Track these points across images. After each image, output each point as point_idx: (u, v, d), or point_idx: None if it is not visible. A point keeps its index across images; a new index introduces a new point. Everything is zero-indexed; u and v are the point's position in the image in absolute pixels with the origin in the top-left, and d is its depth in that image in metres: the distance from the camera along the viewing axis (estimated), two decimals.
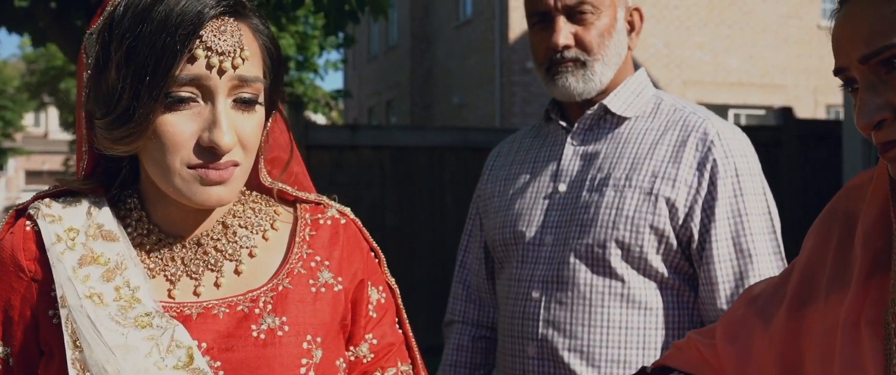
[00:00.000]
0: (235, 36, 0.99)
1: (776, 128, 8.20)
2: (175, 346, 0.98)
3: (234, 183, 1.02)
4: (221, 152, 0.99)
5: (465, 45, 17.06)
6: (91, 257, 1.02)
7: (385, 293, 1.19)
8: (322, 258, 1.11)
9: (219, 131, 0.98)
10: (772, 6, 16.90)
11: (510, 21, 15.26)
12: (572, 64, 1.61)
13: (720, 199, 1.56)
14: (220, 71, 0.98)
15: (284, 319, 1.04)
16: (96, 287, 1.00)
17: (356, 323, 1.15)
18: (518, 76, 15.32)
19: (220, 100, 0.99)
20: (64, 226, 1.04)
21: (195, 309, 1.03)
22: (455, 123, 16.87)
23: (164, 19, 0.96)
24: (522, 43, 15.28)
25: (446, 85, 18.01)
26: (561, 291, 1.61)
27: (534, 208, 1.69)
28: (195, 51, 0.96)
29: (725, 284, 1.56)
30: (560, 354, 1.60)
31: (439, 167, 7.18)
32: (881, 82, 0.96)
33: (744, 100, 16.77)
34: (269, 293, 1.06)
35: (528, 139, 1.82)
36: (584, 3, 1.59)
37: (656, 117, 1.66)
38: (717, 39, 16.48)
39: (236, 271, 1.08)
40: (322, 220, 1.15)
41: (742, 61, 16.71)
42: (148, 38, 0.96)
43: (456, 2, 17.53)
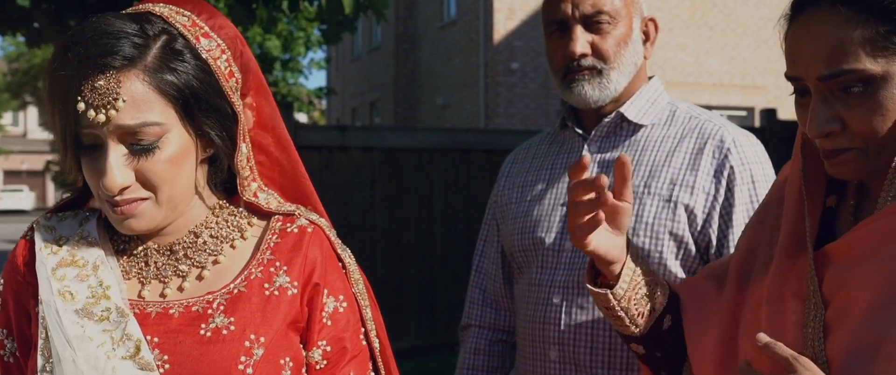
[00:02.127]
0: (110, 88, 1.06)
1: (760, 129, 8.29)
2: (126, 338, 1.10)
3: (147, 214, 1.13)
4: (112, 194, 1.09)
5: (450, 46, 17.10)
6: (70, 260, 1.16)
7: (346, 302, 1.24)
8: (281, 263, 1.20)
9: (103, 178, 1.09)
10: (752, 8, 17.07)
11: (494, 22, 15.31)
12: (588, 72, 1.64)
13: (737, 205, 1.59)
14: (101, 123, 1.06)
15: (232, 319, 1.14)
16: (70, 286, 1.13)
17: (310, 328, 1.21)
18: (502, 77, 15.38)
19: (108, 147, 1.08)
20: (56, 235, 1.20)
21: (155, 308, 1.14)
22: (439, 124, 16.90)
23: (57, 77, 1.07)
24: (506, 44, 15.34)
25: (430, 86, 18.04)
26: (582, 295, 1.63)
27: (552, 215, 1.71)
28: (78, 105, 1.06)
29: None
30: (582, 358, 1.62)
31: (428, 168, 7.20)
32: (833, 97, 1.08)
33: (725, 101, 16.93)
34: (224, 295, 1.16)
35: (544, 146, 1.84)
36: (602, 12, 1.62)
37: (672, 125, 1.69)
38: (699, 41, 16.63)
39: (199, 277, 1.18)
40: (289, 228, 1.23)
41: (723, 63, 16.87)
42: (51, 93, 1.08)
43: (440, 3, 17.56)
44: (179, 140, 1.12)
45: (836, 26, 1.06)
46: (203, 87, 1.12)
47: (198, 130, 1.14)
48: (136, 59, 1.07)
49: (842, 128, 1.08)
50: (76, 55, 1.06)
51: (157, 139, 1.09)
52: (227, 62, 1.16)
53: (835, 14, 1.06)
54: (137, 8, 1.15)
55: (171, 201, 1.14)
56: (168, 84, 1.09)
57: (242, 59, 1.19)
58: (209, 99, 1.13)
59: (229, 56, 1.17)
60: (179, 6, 1.16)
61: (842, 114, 1.07)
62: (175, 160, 1.11)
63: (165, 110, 1.09)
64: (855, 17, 1.05)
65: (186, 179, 1.14)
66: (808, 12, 1.10)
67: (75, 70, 1.06)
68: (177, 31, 1.12)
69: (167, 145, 1.10)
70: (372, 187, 6.99)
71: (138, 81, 1.07)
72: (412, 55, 18.89)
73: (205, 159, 1.19)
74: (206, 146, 1.17)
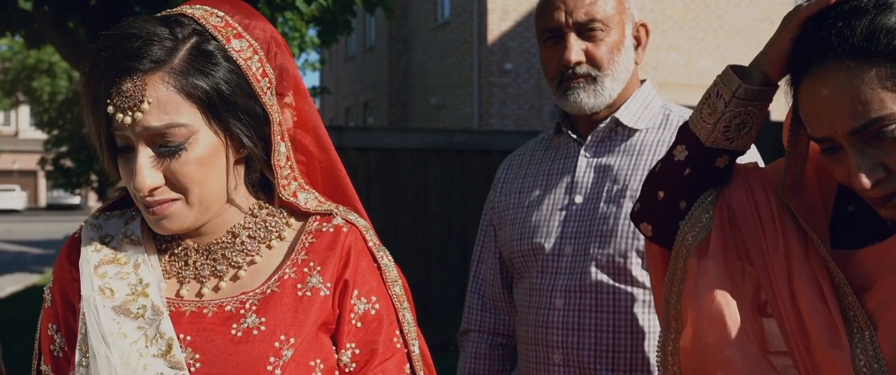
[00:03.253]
0: (136, 91, 1.08)
1: None
2: (159, 336, 1.12)
3: (178, 215, 1.14)
4: (142, 195, 1.12)
5: (443, 47, 17.12)
6: (113, 258, 1.19)
7: (379, 304, 1.22)
8: (315, 264, 1.19)
9: (139, 176, 1.11)
10: (744, 10, 17.16)
11: (488, 23, 15.35)
12: (583, 79, 1.67)
13: None
14: (127, 124, 1.09)
15: (263, 320, 1.15)
16: (110, 283, 1.16)
17: (339, 329, 1.20)
18: (496, 78, 15.42)
19: (138, 150, 1.11)
20: (101, 233, 1.22)
21: (190, 307, 1.16)
22: (433, 124, 16.93)
23: (89, 80, 1.10)
24: (500, 45, 15.38)
25: (424, 86, 18.07)
26: (584, 299, 1.66)
27: (551, 220, 1.73)
28: (107, 108, 1.09)
29: None
30: (586, 360, 1.65)
31: (424, 169, 7.24)
32: (868, 146, 1.09)
33: None
34: (257, 295, 1.17)
35: (540, 152, 1.87)
36: (595, 20, 1.65)
37: (666, 129, 1.72)
38: (692, 42, 16.71)
39: (235, 277, 1.19)
40: (325, 228, 1.23)
41: (715, 64, 16.95)
42: (84, 96, 1.12)
43: (434, 3, 17.59)
44: (208, 141, 1.13)
45: (849, 78, 1.06)
46: (231, 88, 1.13)
47: (227, 132, 1.14)
48: (162, 61, 1.09)
49: (887, 174, 1.09)
50: (104, 59, 1.08)
51: (185, 141, 1.10)
52: (259, 63, 1.16)
53: (843, 67, 1.06)
54: (172, 10, 1.16)
55: (203, 203, 1.15)
56: (195, 86, 1.10)
57: (277, 59, 1.19)
58: (238, 100, 1.14)
59: (262, 56, 1.17)
60: (215, 6, 1.17)
61: (883, 160, 1.08)
62: (203, 161, 1.12)
63: (192, 112, 1.11)
64: (864, 64, 1.05)
65: (217, 180, 1.15)
66: (815, 73, 1.10)
67: (104, 74, 1.08)
68: (208, 32, 1.13)
69: (195, 147, 1.11)
70: (367, 187, 7.02)
71: (164, 84, 1.09)
72: (406, 55, 18.91)
73: (240, 159, 1.19)
74: (238, 147, 1.17)
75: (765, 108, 1.25)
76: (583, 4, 1.65)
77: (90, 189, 22.34)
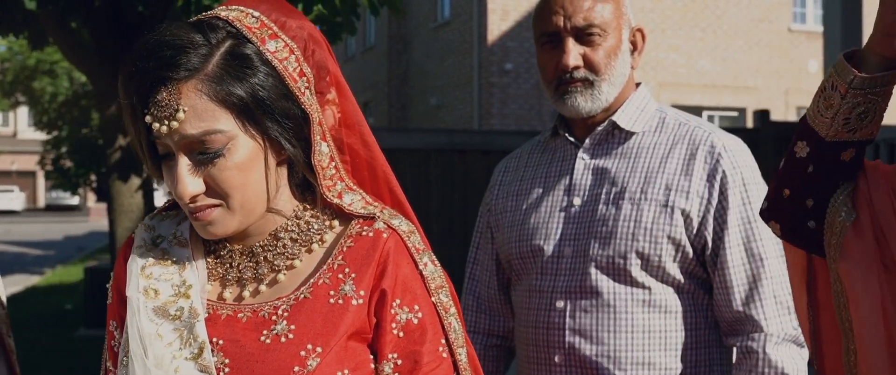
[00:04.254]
0: (171, 100, 1.08)
1: (753, 130, 8.37)
2: (192, 339, 1.12)
3: (221, 220, 1.14)
4: (184, 202, 1.13)
5: (443, 47, 17.14)
6: (161, 258, 1.19)
7: (422, 313, 1.18)
8: (350, 270, 1.16)
9: (175, 186, 1.12)
10: (744, 10, 17.18)
11: (488, 23, 15.36)
12: (581, 83, 1.68)
13: (731, 208, 1.65)
14: (164, 133, 1.10)
15: (293, 327, 1.13)
16: (155, 284, 1.16)
17: (379, 340, 1.17)
18: (496, 78, 15.44)
19: (177, 157, 1.11)
20: (154, 234, 1.23)
21: (227, 311, 1.16)
22: (433, 124, 16.94)
23: (126, 92, 1.12)
24: (500, 45, 15.40)
25: (424, 86, 18.08)
26: (585, 300, 1.68)
27: (549, 222, 1.75)
28: (145, 119, 1.10)
29: (740, 287, 1.65)
30: (588, 360, 1.67)
31: (425, 169, 7.25)
32: None
33: (716, 102, 17.03)
34: (290, 301, 1.15)
35: (537, 154, 1.88)
36: (593, 25, 1.66)
37: (662, 132, 1.74)
38: (691, 42, 16.73)
39: (275, 280, 1.18)
40: (365, 232, 1.19)
41: (715, 64, 16.97)
42: (123, 106, 1.13)
43: (434, 3, 17.60)
44: (246, 146, 1.12)
45: None
46: (268, 92, 1.12)
47: (265, 135, 1.13)
48: (196, 69, 1.09)
49: None
50: (140, 69, 1.08)
51: (223, 147, 1.10)
52: (295, 62, 1.14)
53: None
54: (207, 14, 1.15)
55: (245, 207, 1.14)
56: (230, 93, 1.10)
57: (315, 57, 1.17)
58: (275, 103, 1.13)
59: (298, 55, 1.15)
60: (252, 6, 1.15)
61: None
62: (243, 166, 1.12)
63: (228, 118, 1.10)
64: None
65: (258, 184, 1.14)
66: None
67: (139, 84, 1.09)
68: (242, 35, 1.12)
69: (234, 152, 1.11)
70: None
71: (197, 92, 1.09)
72: (406, 55, 18.92)
73: (282, 161, 1.17)
74: (279, 150, 1.16)
75: (889, 92, 1.18)
76: (581, 9, 1.67)
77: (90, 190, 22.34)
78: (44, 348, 7.95)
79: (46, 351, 7.83)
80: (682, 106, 16.99)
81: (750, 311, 1.64)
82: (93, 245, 20.44)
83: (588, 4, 1.67)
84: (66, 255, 18.61)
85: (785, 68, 17.53)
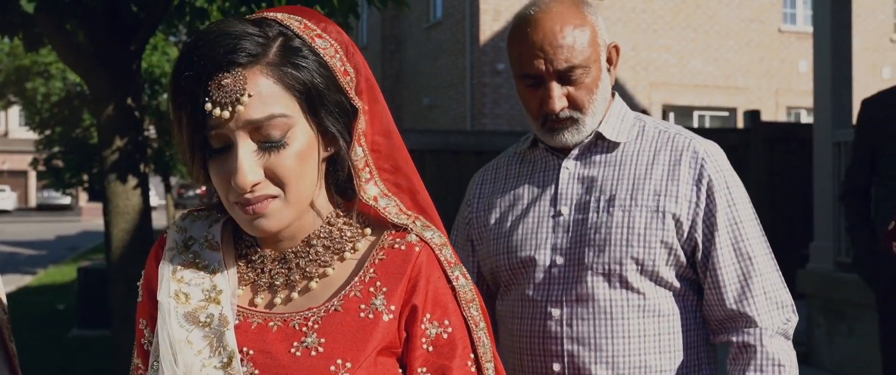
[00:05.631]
0: (236, 85, 1.07)
1: (745, 130, 8.43)
2: (222, 349, 1.12)
3: (276, 213, 1.12)
4: (243, 192, 1.09)
5: (436, 47, 17.16)
6: (192, 262, 1.18)
7: (451, 328, 1.18)
8: (382, 284, 1.16)
9: (234, 176, 1.09)
10: (735, 10, 17.25)
11: (481, 23, 15.39)
12: (567, 121, 1.72)
13: (719, 210, 1.69)
14: (226, 119, 1.08)
15: (323, 340, 1.12)
16: (185, 288, 1.15)
17: (410, 355, 1.17)
18: (488, 78, 15.47)
19: (238, 145, 1.09)
20: (186, 236, 1.22)
21: (257, 319, 1.15)
22: (425, 124, 16.97)
23: (184, 79, 1.09)
24: (492, 45, 15.43)
25: (416, 86, 18.10)
26: (582, 307, 1.70)
27: (538, 232, 1.76)
28: (206, 106, 1.08)
29: (731, 286, 1.69)
30: (587, 367, 1.69)
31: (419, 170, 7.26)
32: None
33: (708, 102, 17.09)
34: (321, 313, 1.14)
35: (514, 166, 1.88)
36: (575, 66, 1.67)
37: (643, 139, 1.78)
38: (683, 42, 16.79)
39: (307, 288, 1.17)
40: (397, 245, 1.19)
41: (706, 64, 17.04)
42: (177, 97, 1.11)
43: (426, 3, 17.62)
44: (305, 135, 1.12)
45: None
46: (324, 82, 1.13)
47: (320, 126, 1.14)
48: (259, 56, 1.09)
49: None
50: (201, 57, 1.08)
51: (284, 134, 1.10)
52: (341, 61, 1.16)
53: None
54: (251, 16, 1.17)
55: (300, 201, 1.13)
56: (292, 78, 1.10)
57: (354, 59, 1.19)
58: (330, 94, 1.14)
59: (342, 56, 1.17)
60: (292, 13, 1.18)
61: None
62: (302, 156, 1.11)
63: (291, 104, 1.10)
64: None
65: (311, 177, 1.14)
66: None
67: (201, 70, 1.07)
68: (293, 31, 1.14)
69: (294, 140, 1.10)
70: None
71: (263, 76, 1.09)
72: (398, 55, 18.94)
73: (326, 158, 1.18)
74: (327, 144, 1.16)
75: None
76: (562, 52, 1.66)
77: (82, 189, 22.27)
78: (37, 348, 7.94)
79: (39, 352, 7.83)
80: (674, 106, 17.07)
81: (743, 308, 1.68)
82: (85, 245, 20.40)
83: (568, 42, 1.67)
84: (59, 255, 18.58)
85: (775, 69, 17.62)
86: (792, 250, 6.57)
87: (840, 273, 5.94)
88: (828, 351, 6.02)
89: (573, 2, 1.73)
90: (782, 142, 8.19)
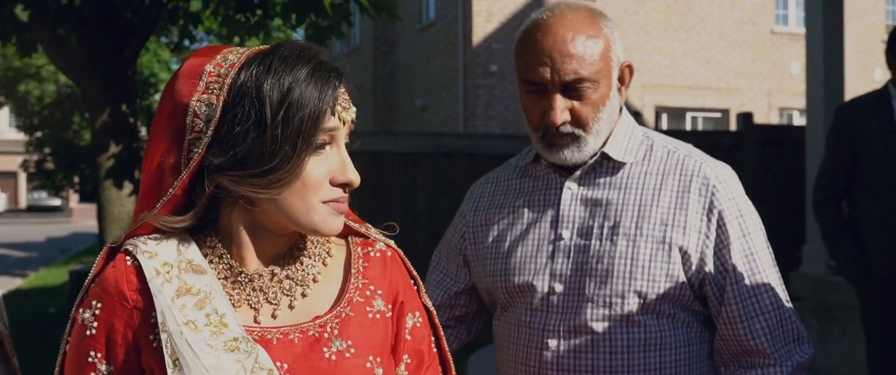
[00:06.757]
0: (349, 94, 1.23)
1: (738, 133, 8.45)
2: (258, 368, 1.13)
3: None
4: (353, 188, 1.22)
5: (429, 48, 17.15)
6: (185, 288, 1.17)
7: (421, 317, 1.33)
8: (375, 288, 1.28)
9: (352, 171, 1.22)
10: (727, 12, 17.29)
11: (473, 25, 15.39)
12: (568, 138, 1.61)
13: (733, 242, 1.60)
14: (344, 121, 1.21)
15: (349, 342, 1.21)
16: (190, 315, 1.15)
17: (397, 346, 1.29)
18: (481, 79, 15.47)
19: (342, 144, 1.21)
20: (160, 261, 1.19)
21: (275, 334, 1.18)
22: (418, 126, 16.96)
23: (317, 88, 1.17)
24: (485, 46, 15.43)
25: (409, 87, 18.09)
26: (580, 339, 1.61)
27: (538, 255, 1.67)
28: (334, 108, 1.19)
29: (747, 321, 1.60)
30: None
31: (412, 172, 7.27)
32: None
33: (700, 103, 17.13)
34: (335, 319, 1.22)
35: (515, 180, 1.79)
36: (583, 79, 1.57)
37: (651, 161, 1.68)
38: (675, 44, 16.82)
39: (303, 294, 1.24)
40: (372, 252, 1.31)
41: (698, 65, 17.08)
42: (302, 104, 1.16)
43: (419, 4, 17.61)
44: None
45: None
46: None
47: None
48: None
49: None
50: (332, 75, 1.20)
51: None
52: None
53: None
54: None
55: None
56: None
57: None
58: None
59: None
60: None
61: None
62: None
63: None
64: None
65: None
66: None
67: (334, 83, 1.19)
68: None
69: None
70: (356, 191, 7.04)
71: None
72: (391, 57, 18.92)
73: None
74: None
75: None
76: (570, 62, 1.56)
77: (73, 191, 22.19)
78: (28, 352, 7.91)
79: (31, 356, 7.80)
80: (667, 107, 17.08)
81: (761, 344, 1.60)
82: (76, 247, 20.31)
83: (578, 51, 1.57)
84: (50, 257, 18.49)
85: (768, 70, 17.67)
86: (785, 252, 6.59)
87: (832, 276, 5.96)
88: (820, 353, 6.04)
89: (590, 12, 1.63)
90: (775, 144, 8.20)
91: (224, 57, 1.20)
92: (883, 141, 3.43)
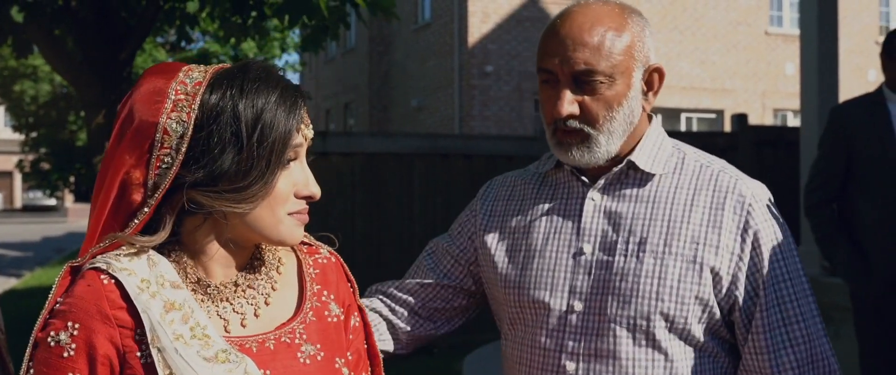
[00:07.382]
0: (306, 112, 1.29)
1: (731, 134, 8.47)
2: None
3: None
4: (315, 200, 1.28)
5: (424, 49, 17.16)
6: (170, 303, 1.19)
7: (359, 317, 1.42)
8: (328, 293, 1.36)
9: (314, 184, 1.29)
10: (722, 13, 17.34)
11: (469, 25, 15.40)
12: (575, 136, 1.51)
13: (768, 266, 1.49)
14: (307, 138, 1.28)
15: (318, 346, 1.28)
16: (179, 330, 1.17)
17: (343, 342, 1.37)
18: (477, 80, 15.49)
19: (304, 159, 1.28)
20: (138, 278, 1.19)
21: (252, 343, 1.23)
22: (414, 126, 16.97)
23: (285, 109, 1.24)
24: (481, 47, 15.45)
25: (405, 88, 18.10)
26: (601, 364, 1.50)
27: (556, 271, 1.55)
28: (299, 128, 1.26)
29: (776, 353, 1.48)
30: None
31: (408, 173, 7.28)
32: None
33: (695, 104, 17.17)
34: (300, 325, 1.29)
35: (532, 187, 1.67)
36: (595, 71, 1.46)
37: (682, 174, 1.57)
38: (670, 45, 16.86)
39: (266, 302, 1.30)
40: (320, 259, 1.40)
41: (693, 66, 17.12)
42: (274, 125, 1.22)
43: (414, 5, 17.62)
44: None
45: None
46: None
47: None
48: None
49: None
50: (298, 97, 1.27)
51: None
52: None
53: None
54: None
55: None
56: None
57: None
58: None
59: None
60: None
61: None
62: None
63: None
64: None
65: None
66: None
67: (300, 103, 1.27)
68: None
69: None
70: (352, 192, 7.05)
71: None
72: (387, 57, 18.93)
73: None
74: None
75: None
76: (583, 51, 1.47)
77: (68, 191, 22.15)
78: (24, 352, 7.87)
79: None
80: (663, 108, 17.13)
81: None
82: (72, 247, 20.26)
83: (594, 42, 1.47)
84: (45, 256, 18.45)
85: (762, 71, 17.72)
86: None
87: (826, 278, 5.98)
88: None
89: (621, 7, 1.53)
90: (770, 145, 8.21)
91: (187, 74, 1.22)
92: (880, 143, 3.45)
